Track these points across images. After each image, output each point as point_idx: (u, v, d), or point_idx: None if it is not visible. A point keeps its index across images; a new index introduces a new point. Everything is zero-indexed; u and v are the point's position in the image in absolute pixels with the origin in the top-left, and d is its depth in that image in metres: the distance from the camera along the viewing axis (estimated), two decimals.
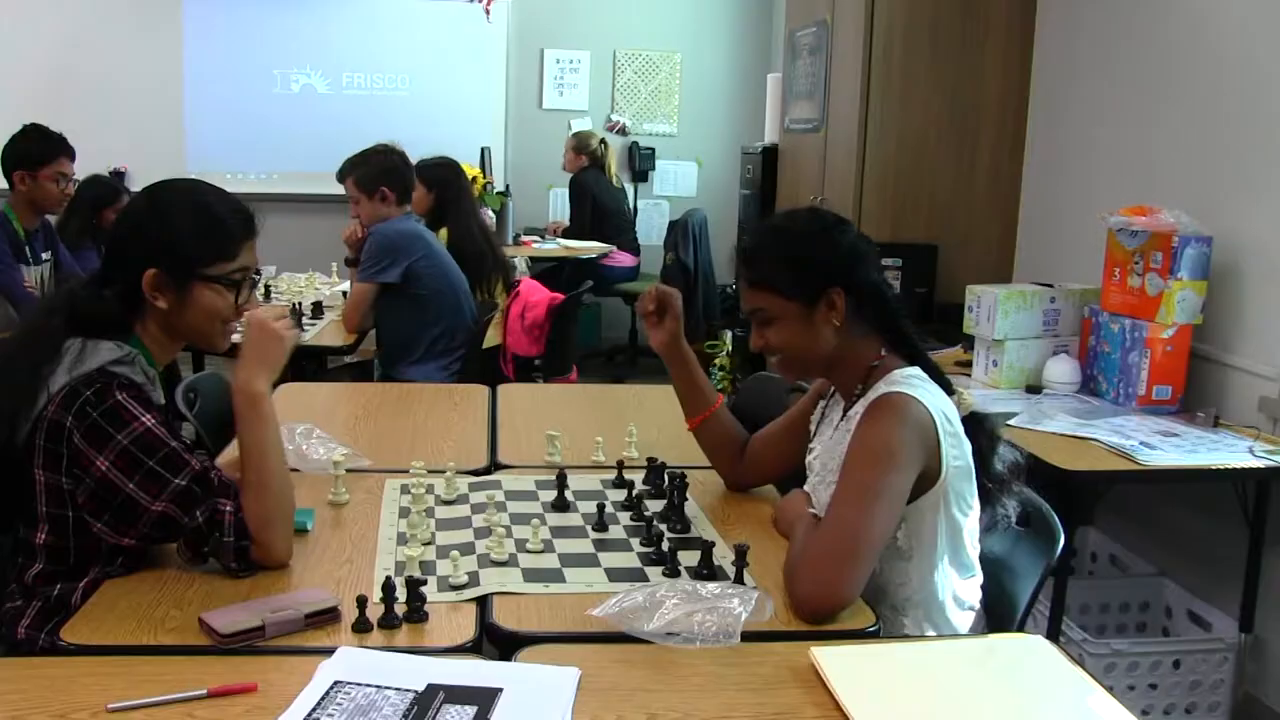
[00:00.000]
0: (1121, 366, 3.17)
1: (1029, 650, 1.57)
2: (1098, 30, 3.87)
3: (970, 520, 1.85)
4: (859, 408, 1.83)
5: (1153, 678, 2.88)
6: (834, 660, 1.45)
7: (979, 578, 1.90)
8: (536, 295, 4.43)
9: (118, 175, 6.37)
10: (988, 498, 1.88)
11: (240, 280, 1.80)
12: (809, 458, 2.04)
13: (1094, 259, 3.41)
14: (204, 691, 1.34)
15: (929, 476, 1.77)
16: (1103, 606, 3.26)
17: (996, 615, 1.95)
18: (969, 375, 3.47)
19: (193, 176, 2.14)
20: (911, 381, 1.80)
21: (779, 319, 1.87)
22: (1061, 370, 3.31)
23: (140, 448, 1.64)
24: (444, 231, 4.35)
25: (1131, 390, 3.12)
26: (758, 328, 1.91)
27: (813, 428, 2.08)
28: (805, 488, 2.02)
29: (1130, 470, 2.66)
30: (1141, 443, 2.77)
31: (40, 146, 3.93)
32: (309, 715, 1.31)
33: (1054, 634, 2.70)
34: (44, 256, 4.06)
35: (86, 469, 1.63)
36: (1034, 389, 3.32)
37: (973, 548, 1.88)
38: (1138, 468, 2.66)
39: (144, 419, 1.65)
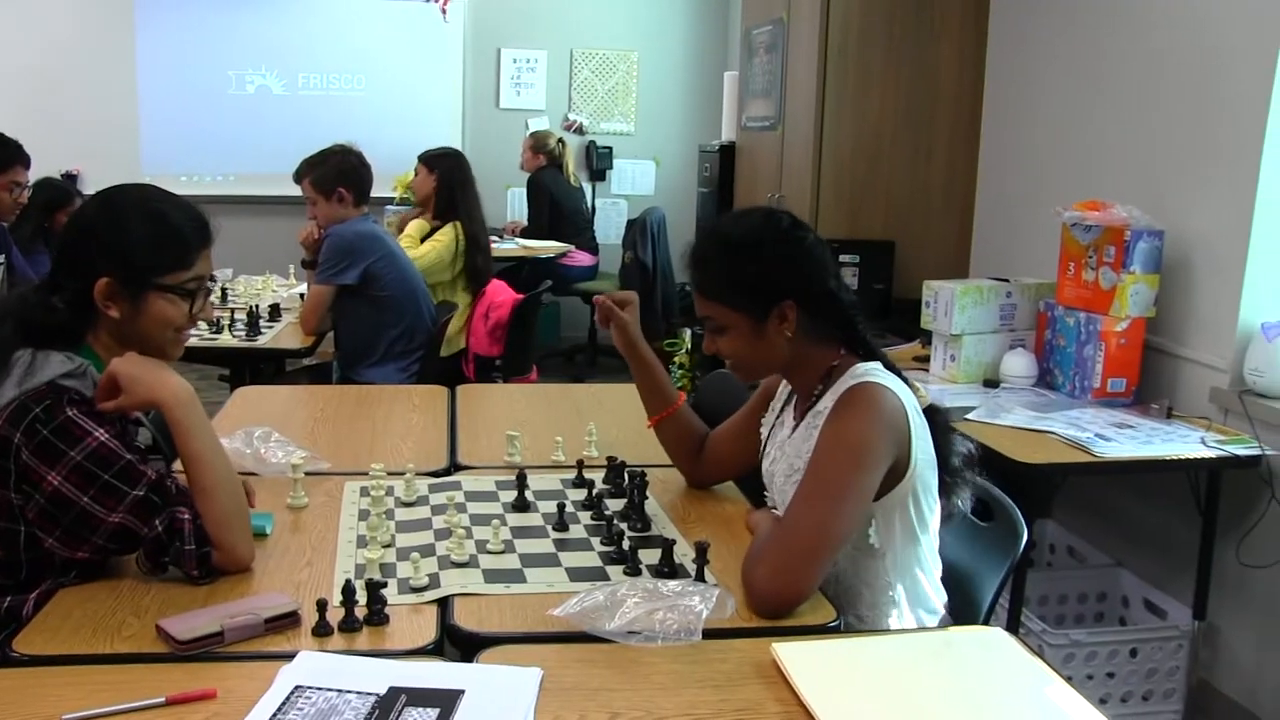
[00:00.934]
0: (1077, 360, 3.21)
1: (988, 642, 1.59)
2: (1050, 28, 3.91)
3: (935, 513, 1.86)
4: (825, 403, 1.82)
5: (1110, 666, 2.92)
6: (795, 656, 1.46)
7: (940, 569, 1.91)
8: (502, 295, 4.42)
9: (70, 178, 6.29)
10: (944, 490, 1.87)
11: (195, 289, 1.77)
12: (766, 464, 2.01)
13: (1049, 254, 3.45)
14: (162, 699, 1.33)
15: (899, 469, 1.76)
16: (1061, 597, 3.30)
17: (960, 610, 1.96)
18: (927, 370, 3.50)
19: (146, 179, 2.11)
20: (877, 373, 1.79)
21: (730, 328, 1.85)
22: (1018, 364, 3.34)
23: (94, 462, 1.61)
24: (457, 225, 4.39)
25: (1087, 383, 3.16)
26: (709, 334, 1.89)
27: (764, 432, 2.06)
28: (768, 499, 2.00)
29: (1086, 462, 2.69)
30: (1097, 434, 2.81)
31: None
32: None
33: (1013, 625, 2.72)
34: None
35: (37, 485, 1.60)
36: (991, 383, 3.35)
37: (937, 540, 1.89)
38: (1093, 459, 2.69)
39: (96, 434, 1.62)
